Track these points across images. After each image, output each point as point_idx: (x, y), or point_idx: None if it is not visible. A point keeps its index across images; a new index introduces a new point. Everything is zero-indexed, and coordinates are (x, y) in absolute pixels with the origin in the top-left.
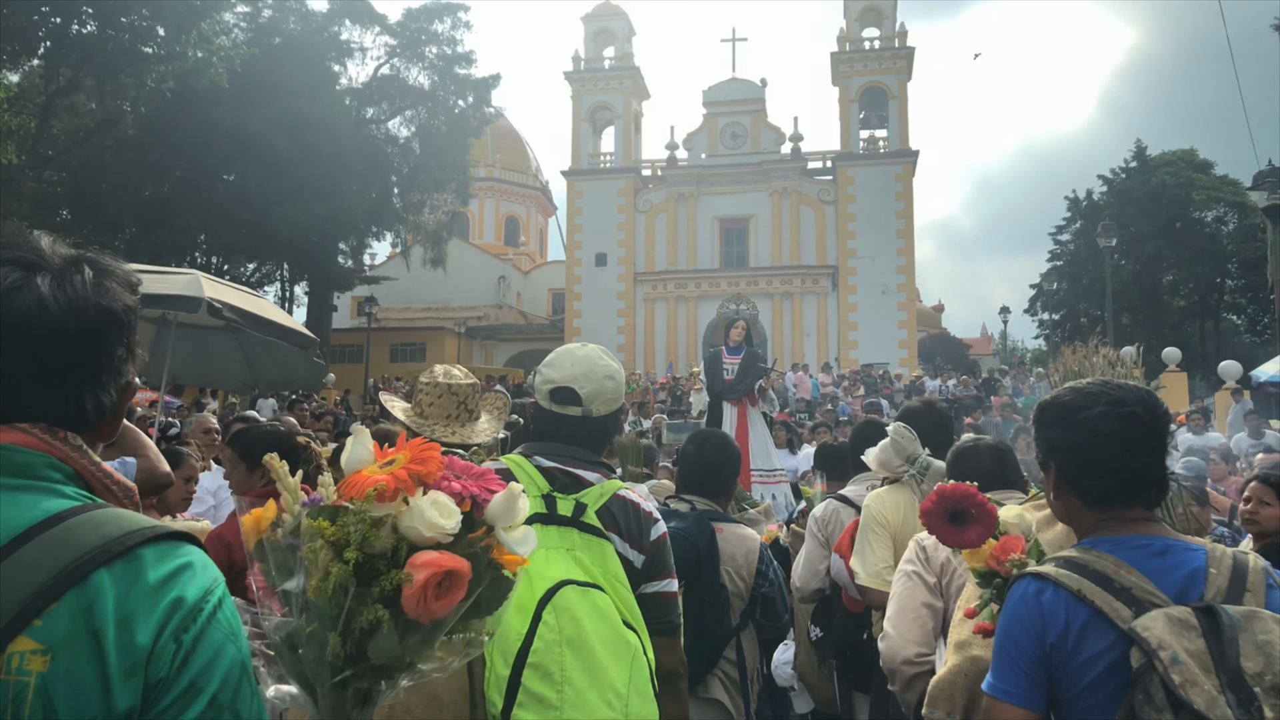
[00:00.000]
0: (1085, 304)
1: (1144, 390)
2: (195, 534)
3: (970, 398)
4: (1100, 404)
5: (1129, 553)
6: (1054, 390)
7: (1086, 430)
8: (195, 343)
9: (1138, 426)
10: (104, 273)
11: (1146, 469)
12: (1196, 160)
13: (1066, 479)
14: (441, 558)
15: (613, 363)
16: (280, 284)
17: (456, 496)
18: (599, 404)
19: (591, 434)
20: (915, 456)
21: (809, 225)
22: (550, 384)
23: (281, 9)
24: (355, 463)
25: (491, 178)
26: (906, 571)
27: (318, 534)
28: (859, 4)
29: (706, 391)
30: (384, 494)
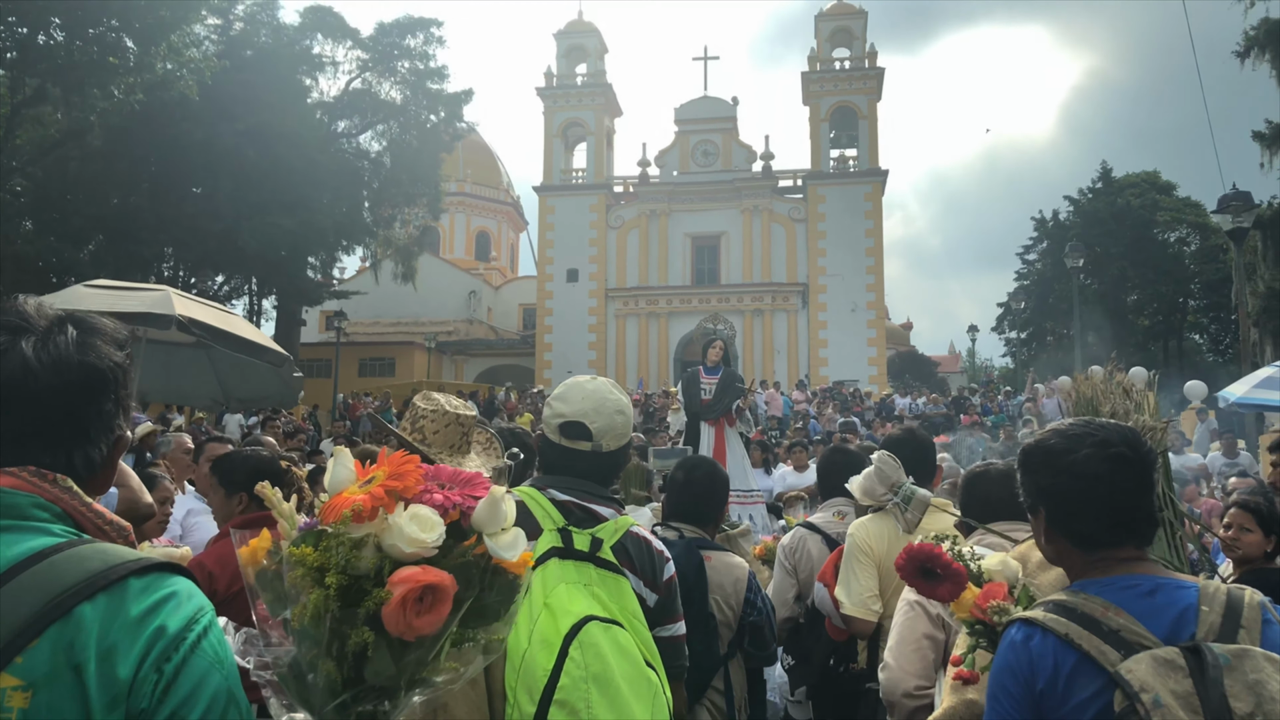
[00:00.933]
0: (1051, 322)
1: (1128, 429)
2: (176, 559)
3: (940, 416)
4: (1086, 446)
5: (1118, 593)
6: (1037, 434)
7: (1074, 474)
8: (165, 359)
9: (1125, 467)
10: (89, 331)
11: (1136, 508)
12: (1160, 182)
13: (1056, 523)
14: (419, 573)
15: (623, 397)
16: (248, 298)
17: (439, 508)
18: (609, 439)
19: (601, 468)
20: (899, 485)
21: (780, 243)
22: (561, 418)
23: (253, 22)
24: (338, 484)
25: (463, 192)
26: (909, 601)
27: (299, 562)
28: (830, 25)
29: (684, 411)
30: (361, 514)
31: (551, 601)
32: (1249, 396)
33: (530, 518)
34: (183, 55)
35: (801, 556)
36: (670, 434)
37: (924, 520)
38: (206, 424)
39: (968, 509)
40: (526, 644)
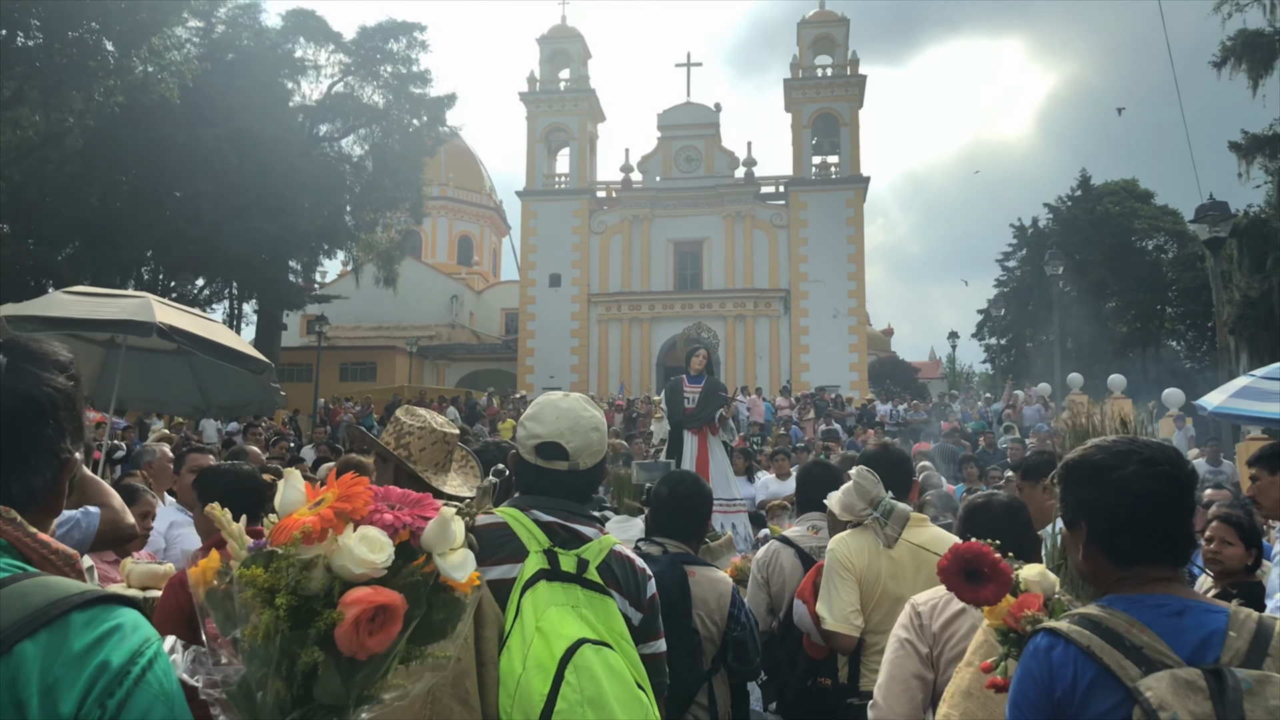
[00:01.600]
0: (1031, 329)
1: (1171, 448)
2: (159, 577)
3: (921, 422)
4: (1133, 463)
5: (1144, 611)
6: (1081, 448)
7: (1120, 490)
8: (145, 366)
9: (1170, 486)
10: (24, 357)
11: (1178, 528)
12: (1138, 190)
13: (1097, 538)
14: (371, 593)
15: (596, 413)
16: (229, 302)
17: (389, 528)
18: (586, 457)
19: (579, 487)
20: (878, 500)
21: (762, 249)
22: (536, 439)
23: (235, 25)
24: (288, 506)
25: (445, 196)
26: (900, 639)
27: (250, 583)
28: (812, 32)
29: (667, 420)
30: (311, 535)
31: (544, 625)
32: (1226, 406)
33: (515, 539)
34: (163, 58)
35: (774, 570)
36: (653, 443)
37: (904, 534)
38: (185, 429)
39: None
40: (521, 669)
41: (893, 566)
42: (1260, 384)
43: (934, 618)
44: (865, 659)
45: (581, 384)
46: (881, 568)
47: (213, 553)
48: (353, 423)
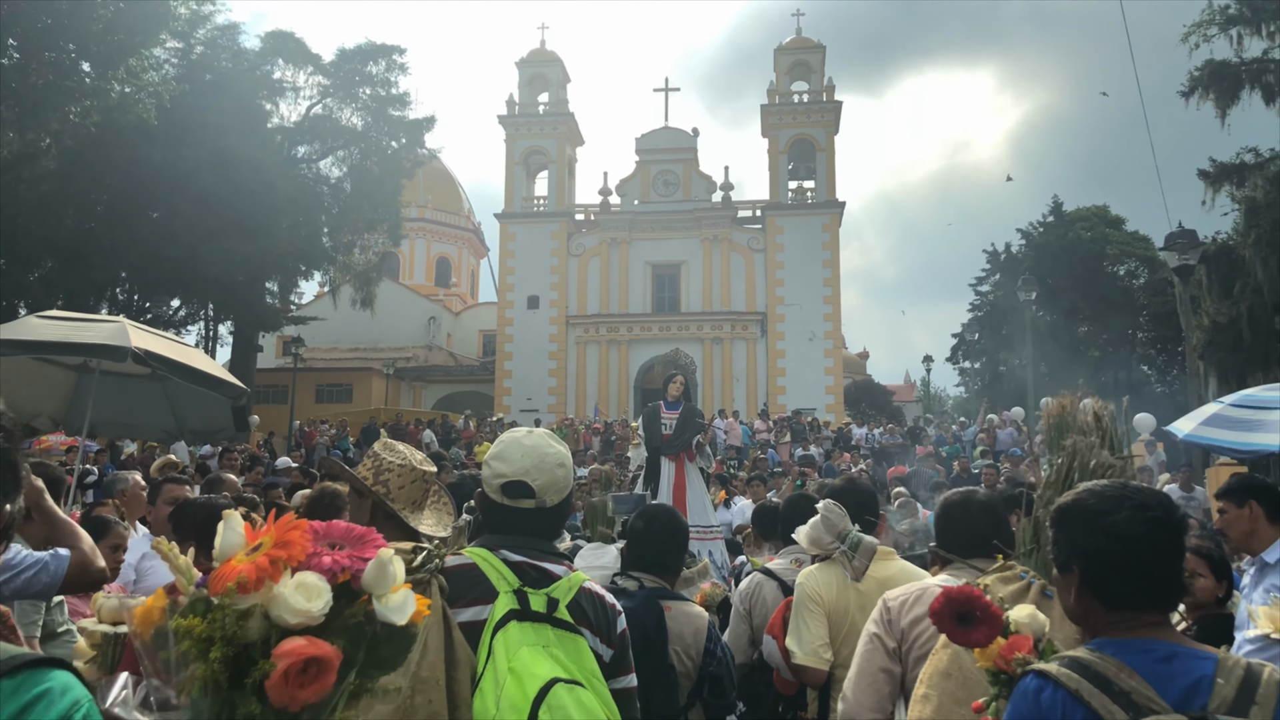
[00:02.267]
0: (1005, 353)
1: (1161, 493)
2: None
3: (896, 446)
4: (1125, 508)
5: (1134, 656)
6: (1073, 492)
7: (1113, 535)
8: (118, 390)
9: (1162, 532)
10: None
11: (1169, 573)
12: (1109, 216)
13: (1090, 582)
14: (302, 646)
15: (561, 448)
16: (204, 323)
17: (328, 572)
18: (552, 494)
19: (547, 524)
20: (846, 533)
21: (739, 272)
22: (502, 478)
23: (214, 47)
24: (226, 550)
25: (423, 218)
26: (870, 633)
27: (186, 634)
28: (789, 59)
29: (645, 447)
30: (246, 585)
31: (516, 666)
32: (1196, 434)
33: (485, 581)
34: (141, 79)
35: (757, 602)
36: (630, 469)
37: (871, 568)
38: (158, 453)
39: (945, 539)
40: (494, 710)
41: (861, 600)
42: (1229, 411)
43: (903, 614)
44: (835, 693)
45: (559, 406)
46: (850, 601)
47: (159, 591)
48: (329, 445)
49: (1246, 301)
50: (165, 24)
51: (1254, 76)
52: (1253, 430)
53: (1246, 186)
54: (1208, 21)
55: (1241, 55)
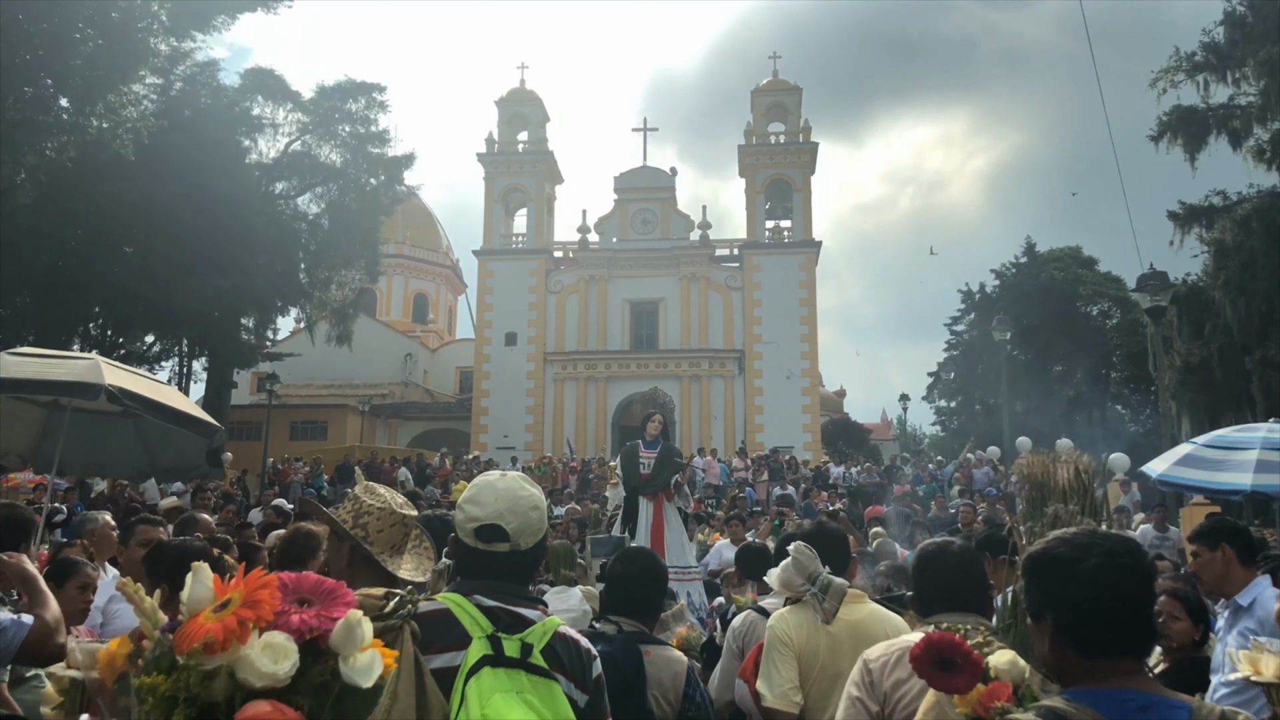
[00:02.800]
0: (980, 392)
1: (1131, 540)
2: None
3: (874, 485)
4: (1094, 555)
5: (1109, 706)
6: (1043, 541)
7: (1083, 582)
8: (88, 428)
9: (1132, 577)
10: None
11: (1141, 620)
12: (1082, 257)
13: (1063, 630)
14: (267, 712)
15: (535, 491)
16: (179, 359)
17: (296, 633)
18: (526, 537)
19: (521, 568)
20: (816, 575)
21: (717, 310)
22: (475, 522)
23: (193, 83)
24: (195, 604)
25: (401, 254)
26: (852, 696)
27: (150, 691)
28: (765, 100)
29: (623, 486)
30: (214, 646)
31: (489, 712)
32: (1170, 475)
33: (458, 626)
34: (120, 115)
35: (750, 640)
36: (608, 509)
37: (842, 610)
38: (128, 490)
39: (921, 592)
40: None
41: (831, 643)
42: (1202, 452)
43: (885, 676)
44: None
45: (536, 444)
46: (820, 643)
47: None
48: (303, 483)
49: (1217, 342)
50: (146, 61)
51: (1220, 121)
52: (1224, 470)
53: (1215, 229)
54: (1175, 68)
55: (1208, 101)
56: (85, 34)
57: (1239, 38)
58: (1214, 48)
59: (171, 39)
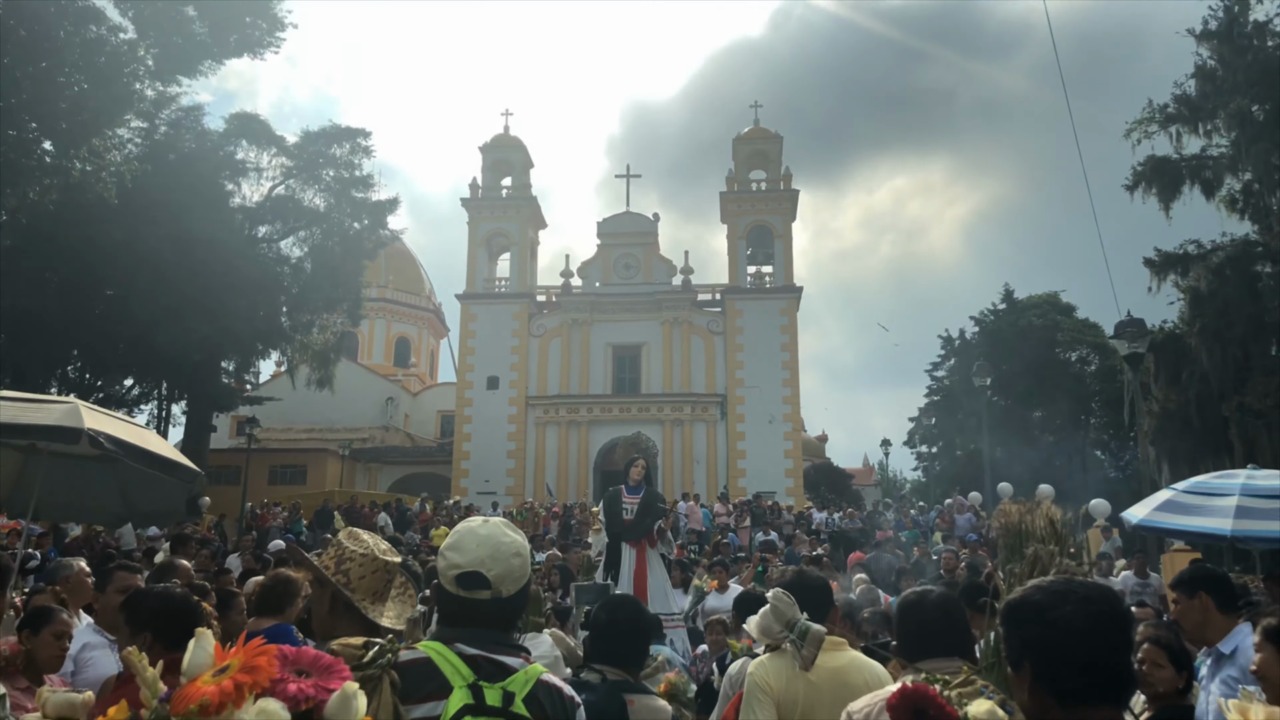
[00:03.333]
0: (961, 437)
1: (1106, 587)
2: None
3: (856, 530)
4: (1070, 602)
5: None
6: (1020, 589)
7: (1060, 629)
8: (66, 472)
9: (1108, 624)
10: None
11: (1117, 667)
12: (1060, 304)
13: (1041, 678)
14: None
15: (517, 537)
16: (158, 403)
17: (292, 701)
18: (508, 585)
19: (503, 616)
20: (794, 622)
21: (699, 354)
22: (457, 569)
23: (178, 127)
24: (195, 668)
25: (384, 298)
26: None
27: None
28: (747, 148)
29: (605, 532)
30: (209, 709)
31: None
32: (1150, 520)
33: (439, 675)
34: (103, 158)
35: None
36: (591, 555)
37: (821, 657)
38: (103, 536)
39: (904, 639)
40: None
41: (811, 689)
42: (1181, 497)
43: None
44: None
45: (517, 488)
46: (799, 690)
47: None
48: (282, 528)
49: (1194, 389)
50: (131, 105)
51: (1194, 172)
52: (1204, 515)
53: (1190, 276)
54: (1148, 119)
55: (1181, 151)
56: (71, 78)
57: (1210, 90)
58: (1186, 100)
59: (157, 83)
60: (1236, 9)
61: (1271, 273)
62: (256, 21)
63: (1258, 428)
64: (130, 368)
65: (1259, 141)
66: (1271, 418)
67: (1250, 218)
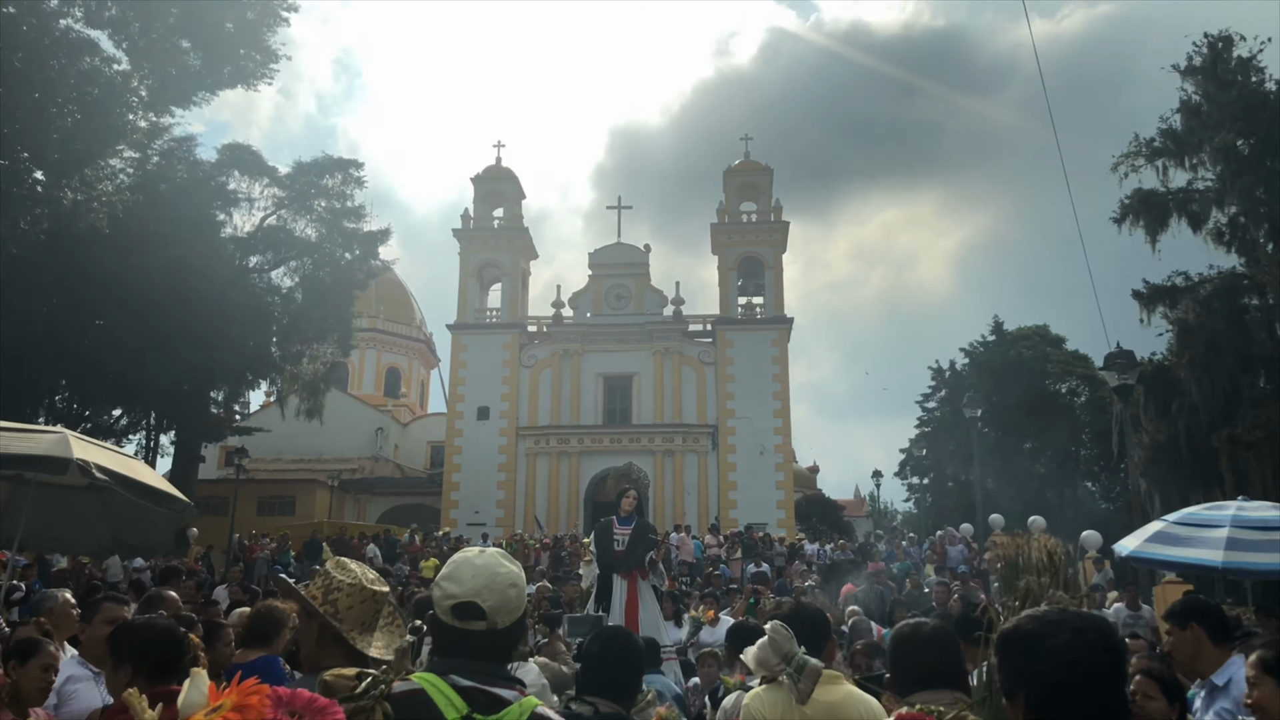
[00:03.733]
0: (951, 469)
1: (1100, 617)
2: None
3: (848, 562)
4: (1064, 632)
5: None
6: (1014, 619)
7: (1054, 658)
8: (53, 503)
9: (1102, 654)
10: None
11: (1111, 697)
12: (1050, 335)
13: (1037, 708)
14: None
15: (513, 568)
16: (146, 433)
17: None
18: (503, 615)
19: (499, 647)
20: (792, 655)
21: (690, 385)
22: (452, 599)
23: (170, 157)
24: (189, 707)
25: (375, 328)
26: None
27: None
28: (737, 180)
29: (596, 564)
30: None
31: None
32: (1141, 551)
33: (433, 707)
34: (94, 188)
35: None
36: (582, 586)
37: (817, 691)
38: (89, 566)
39: (897, 671)
40: None
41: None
42: (1173, 529)
43: None
44: None
45: (508, 520)
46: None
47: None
48: (270, 559)
49: (1184, 421)
50: (124, 135)
51: (1180, 205)
52: (1196, 546)
53: (1179, 309)
54: (1135, 153)
55: (1168, 185)
56: (64, 109)
57: (1195, 125)
58: (1172, 134)
59: (150, 114)
60: (1220, 45)
61: (1259, 305)
62: (250, 53)
63: (1248, 460)
64: (119, 398)
65: (1244, 175)
66: (1261, 450)
67: (1237, 251)
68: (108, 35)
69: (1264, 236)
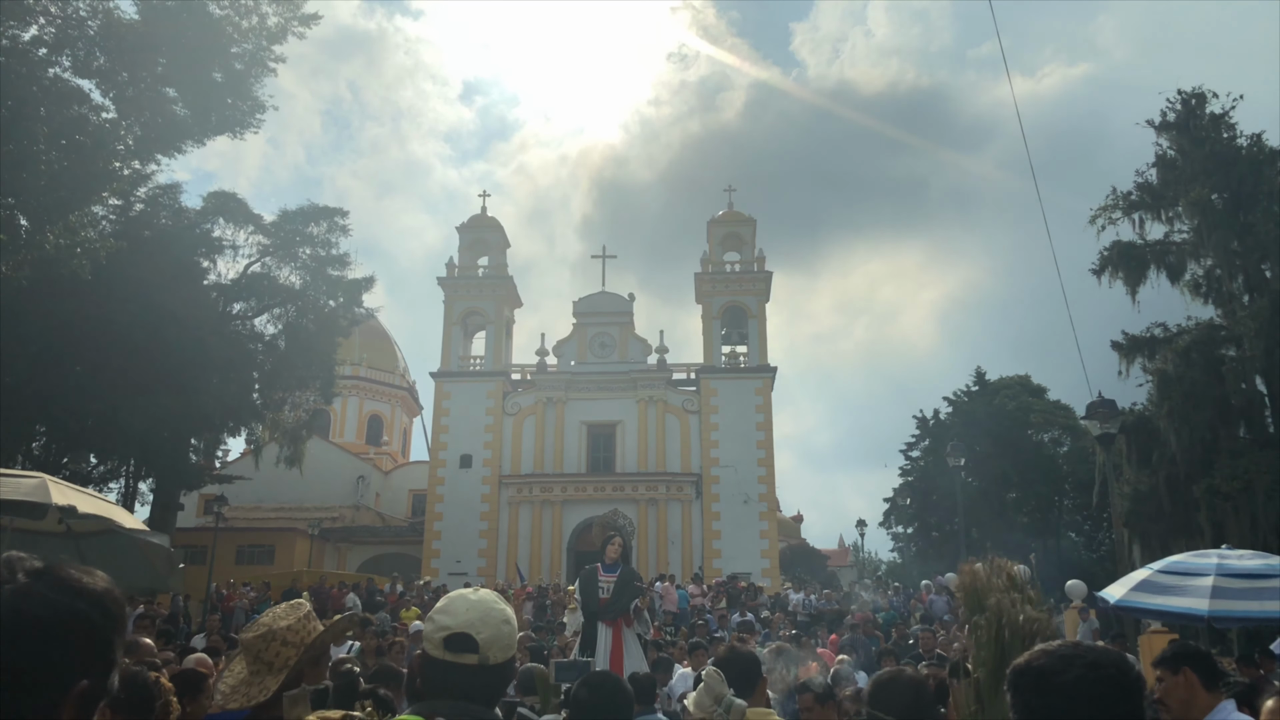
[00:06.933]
0: (935, 518)
1: (1116, 652)
2: None
3: (833, 612)
4: (1077, 667)
5: None
6: (1027, 654)
7: (1065, 695)
8: (29, 550)
9: (1116, 690)
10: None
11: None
12: (1031, 385)
13: None
14: None
15: (507, 608)
16: (124, 480)
17: None
18: (495, 650)
19: (488, 684)
20: (722, 696)
21: (674, 434)
22: (445, 630)
23: (154, 204)
24: None
25: (357, 376)
26: None
27: None
28: (721, 230)
29: (581, 611)
30: None
31: None
32: (1127, 600)
33: None
34: (78, 234)
35: None
36: (567, 634)
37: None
38: None
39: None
40: None
41: None
42: (1158, 578)
43: None
44: None
45: (489, 569)
46: None
47: None
48: (248, 609)
49: (1164, 471)
50: (109, 182)
51: (1158, 257)
52: (1181, 595)
53: (1157, 359)
54: (1113, 206)
55: (1145, 237)
56: (50, 155)
57: (1170, 179)
58: (1148, 188)
59: (135, 161)
60: (1194, 102)
61: (1235, 356)
62: (238, 103)
63: (1226, 510)
64: (97, 444)
65: (1219, 229)
66: (1239, 500)
67: (1214, 302)
68: (95, 84)
69: (1240, 288)
